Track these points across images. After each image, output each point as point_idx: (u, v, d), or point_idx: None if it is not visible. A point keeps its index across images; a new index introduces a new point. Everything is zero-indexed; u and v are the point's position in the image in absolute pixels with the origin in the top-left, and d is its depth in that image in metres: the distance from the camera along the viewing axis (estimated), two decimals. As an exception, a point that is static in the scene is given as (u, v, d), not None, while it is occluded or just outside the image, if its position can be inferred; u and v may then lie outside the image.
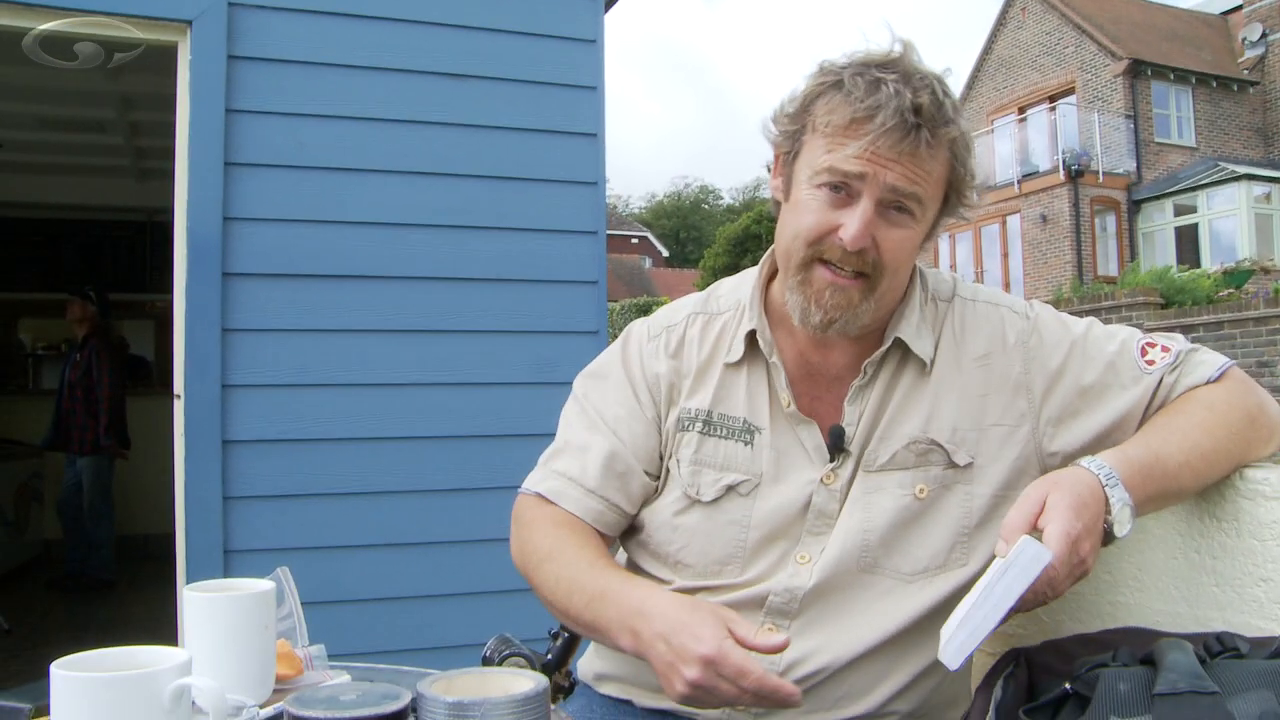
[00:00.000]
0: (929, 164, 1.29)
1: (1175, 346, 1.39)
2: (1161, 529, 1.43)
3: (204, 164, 3.27)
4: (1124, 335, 1.41)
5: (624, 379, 1.50)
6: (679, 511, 1.43)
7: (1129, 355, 1.39)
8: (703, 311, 1.52)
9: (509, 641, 1.66)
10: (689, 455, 1.43)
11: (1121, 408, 1.36)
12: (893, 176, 1.26)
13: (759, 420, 1.42)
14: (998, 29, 25.69)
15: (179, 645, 3.07)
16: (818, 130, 1.31)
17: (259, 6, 3.37)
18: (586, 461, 1.44)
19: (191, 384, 3.23)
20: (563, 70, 3.71)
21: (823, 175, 1.29)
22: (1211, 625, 1.34)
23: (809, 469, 1.39)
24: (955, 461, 1.36)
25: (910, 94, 1.24)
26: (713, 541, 1.40)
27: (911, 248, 1.34)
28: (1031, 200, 22.45)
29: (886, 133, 1.23)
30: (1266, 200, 21.32)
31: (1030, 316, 1.44)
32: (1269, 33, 23.41)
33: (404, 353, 3.45)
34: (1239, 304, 13.15)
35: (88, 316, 6.61)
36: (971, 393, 1.39)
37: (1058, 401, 1.38)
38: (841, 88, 1.28)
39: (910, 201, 1.29)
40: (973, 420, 1.38)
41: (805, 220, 1.31)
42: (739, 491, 1.40)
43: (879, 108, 1.24)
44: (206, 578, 3.07)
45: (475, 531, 3.40)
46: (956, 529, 1.36)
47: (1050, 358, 1.39)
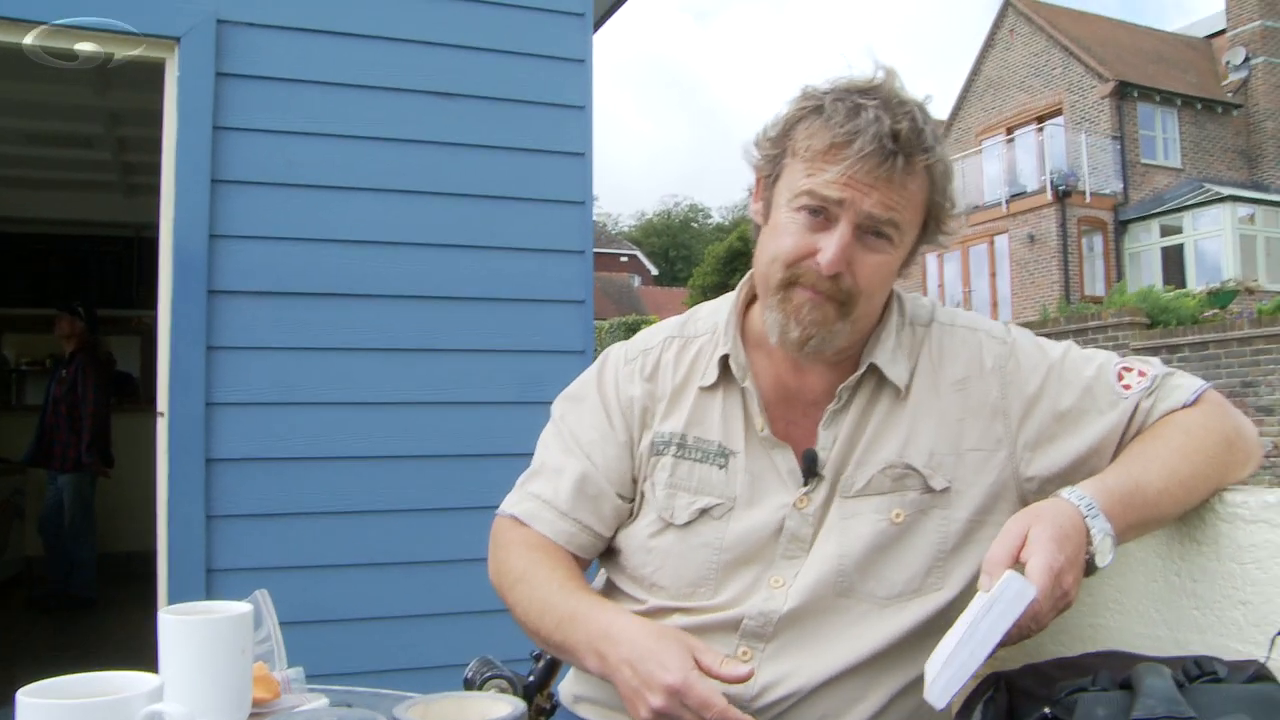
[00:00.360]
0: (907, 190, 1.29)
1: (1152, 370, 1.39)
2: (1142, 552, 1.43)
3: (190, 181, 3.27)
4: (1101, 359, 1.42)
5: (598, 402, 1.50)
6: (653, 534, 1.43)
7: (1106, 380, 1.39)
8: (679, 335, 1.52)
9: (491, 663, 1.65)
10: (664, 479, 1.43)
11: (1099, 432, 1.36)
12: (870, 202, 1.27)
13: (733, 444, 1.42)
14: (986, 50, 25.88)
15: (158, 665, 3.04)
16: (798, 154, 1.32)
17: (247, 24, 3.37)
18: (560, 484, 1.46)
19: (176, 401, 3.21)
20: (551, 90, 3.71)
21: (801, 199, 1.30)
22: (1191, 648, 1.34)
23: (783, 493, 1.39)
24: (932, 486, 1.36)
25: (890, 120, 1.25)
26: (686, 564, 1.40)
27: (888, 273, 1.35)
28: (1019, 220, 22.57)
29: (864, 158, 1.24)
30: (1251, 221, 21.47)
31: (1008, 341, 1.44)
32: (1251, 56, 23.62)
33: (390, 371, 3.44)
34: (1224, 324, 13.22)
35: (76, 332, 6.58)
36: (949, 417, 1.39)
37: (1035, 426, 1.38)
38: (822, 113, 1.29)
39: (887, 228, 1.30)
40: (950, 445, 1.38)
41: (783, 243, 1.32)
42: (712, 515, 1.40)
43: (858, 133, 1.25)
44: (189, 597, 3.06)
45: (459, 551, 3.38)
46: (933, 554, 1.36)
47: (1027, 382, 1.39)
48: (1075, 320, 15.01)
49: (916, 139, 1.27)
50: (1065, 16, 25.04)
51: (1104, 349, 1.45)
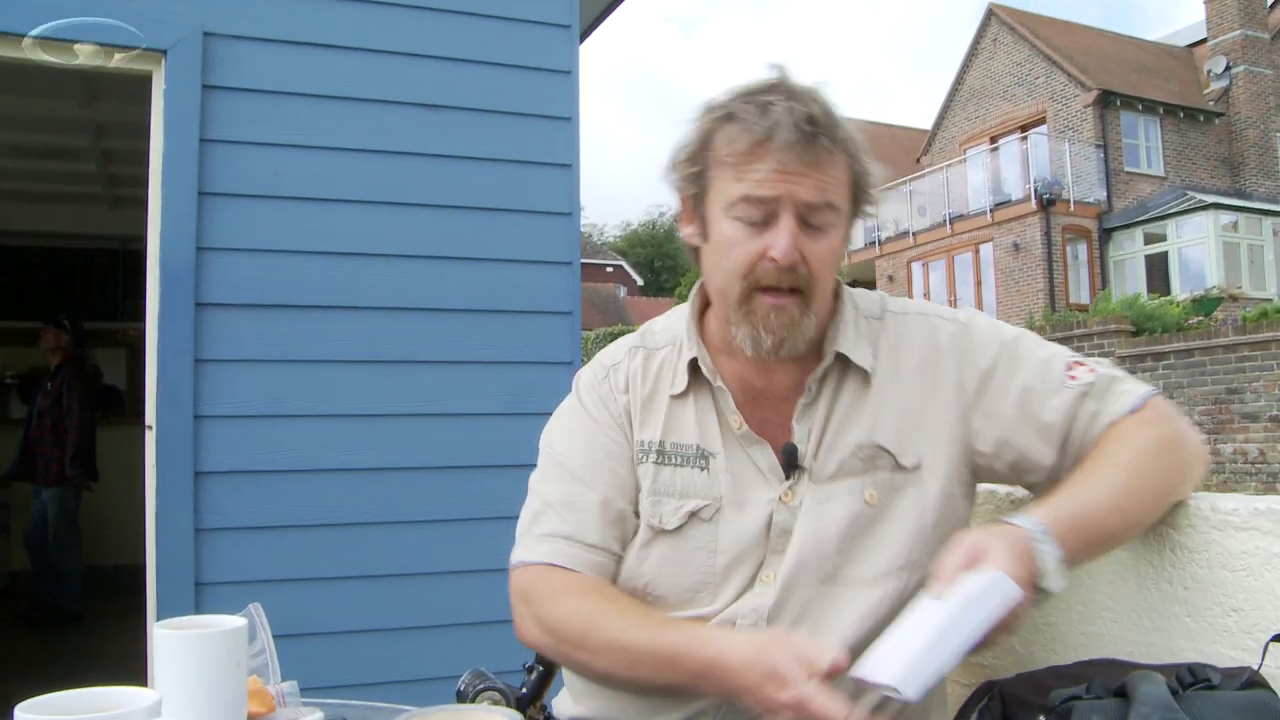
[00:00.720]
0: (833, 170, 1.33)
1: (1100, 370, 1.40)
2: (1134, 560, 1.44)
3: (177, 193, 3.26)
4: (1055, 349, 1.44)
5: (590, 424, 1.49)
6: (644, 544, 1.42)
7: (1056, 366, 1.40)
8: (642, 345, 1.54)
9: (483, 676, 1.65)
10: (647, 486, 1.44)
11: (1045, 413, 1.38)
12: (804, 190, 1.30)
13: (711, 445, 1.43)
14: (969, 60, 26.03)
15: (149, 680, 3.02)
16: (723, 164, 1.34)
17: (234, 36, 3.37)
18: (581, 517, 1.42)
19: (164, 415, 3.20)
20: (537, 101, 3.71)
21: (739, 206, 1.32)
22: (1184, 655, 1.35)
23: (766, 489, 1.40)
24: (902, 464, 1.38)
25: (801, 107, 1.29)
26: (682, 570, 1.40)
27: (836, 255, 1.38)
28: (1004, 229, 22.67)
29: (789, 147, 1.28)
30: (1234, 229, 21.61)
31: (962, 320, 1.47)
32: (1233, 65, 23.81)
33: (378, 383, 3.43)
34: (1208, 331, 13.31)
35: (62, 345, 6.55)
36: (912, 399, 1.41)
37: (988, 400, 1.40)
38: (734, 118, 1.33)
39: (826, 212, 1.33)
40: (914, 423, 1.40)
41: (733, 254, 1.34)
42: (701, 517, 1.40)
43: (776, 126, 1.28)
44: (178, 610, 3.05)
45: (450, 563, 3.37)
46: (913, 529, 1.38)
47: (980, 357, 1.42)
48: (1061, 328, 15.10)
49: (829, 118, 1.31)
50: (1048, 26, 25.20)
51: (1091, 356, 1.46)
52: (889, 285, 25.51)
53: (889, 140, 31.69)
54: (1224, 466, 12.74)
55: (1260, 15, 24.15)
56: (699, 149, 1.38)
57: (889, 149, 30.62)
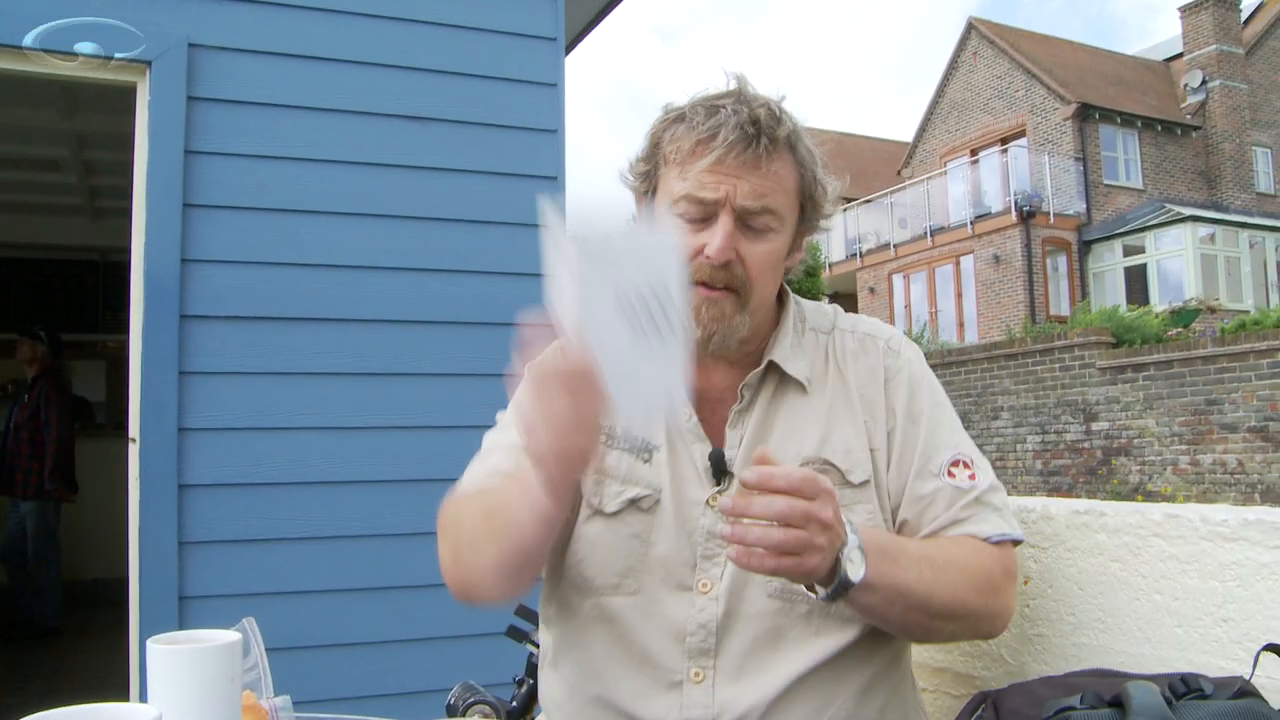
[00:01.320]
0: (777, 174, 1.36)
1: (982, 480, 1.41)
2: (1125, 572, 1.45)
3: (162, 205, 3.24)
4: (957, 439, 1.44)
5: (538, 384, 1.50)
6: (582, 521, 1.43)
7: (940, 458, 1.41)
8: None
9: (473, 689, 1.65)
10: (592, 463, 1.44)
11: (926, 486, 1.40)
12: (743, 192, 1.33)
13: (655, 439, 1.45)
14: (950, 73, 26.21)
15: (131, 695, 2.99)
16: (669, 162, 1.39)
17: (219, 48, 3.36)
18: (499, 456, 1.48)
19: (147, 427, 3.18)
20: (524, 114, 3.72)
21: (680, 203, 1.36)
22: (1175, 666, 1.35)
23: (698, 489, 1.40)
24: (850, 480, 1.39)
25: (747, 110, 1.33)
26: (613, 553, 1.40)
27: (775, 259, 1.39)
28: (984, 241, 22.80)
29: (729, 145, 1.31)
30: (1211, 241, 21.81)
31: (904, 356, 1.49)
32: (1209, 80, 24.07)
33: (363, 396, 3.42)
34: (1187, 343, 13.41)
35: (38, 357, 6.51)
36: (858, 418, 1.43)
37: (899, 442, 1.43)
38: (684, 119, 1.37)
39: (765, 216, 1.35)
40: (862, 443, 1.42)
41: None
42: (640, 506, 1.41)
43: (720, 125, 1.32)
44: (161, 625, 3.02)
45: (436, 576, 3.35)
46: None
47: (911, 400, 1.44)
48: (1041, 340, 15.19)
49: (775, 123, 1.34)
50: (1027, 39, 25.41)
51: (1070, 368, 1.49)
52: (870, 297, 25.62)
53: (870, 152, 31.86)
54: (1203, 477, 12.82)
55: (1235, 31, 24.44)
56: (651, 148, 1.43)
57: (869, 161, 30.79)
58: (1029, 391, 15.14)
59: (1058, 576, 1.55)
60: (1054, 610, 1.55)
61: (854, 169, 30.54)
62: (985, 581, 1.34)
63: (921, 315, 24.14)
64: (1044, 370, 14.87)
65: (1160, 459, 13.30)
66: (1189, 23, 24.67)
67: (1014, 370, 15.37)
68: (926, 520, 1.39)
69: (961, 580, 1.31)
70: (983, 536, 1.37)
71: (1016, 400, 15.33)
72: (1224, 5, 24.28)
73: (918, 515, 1.40)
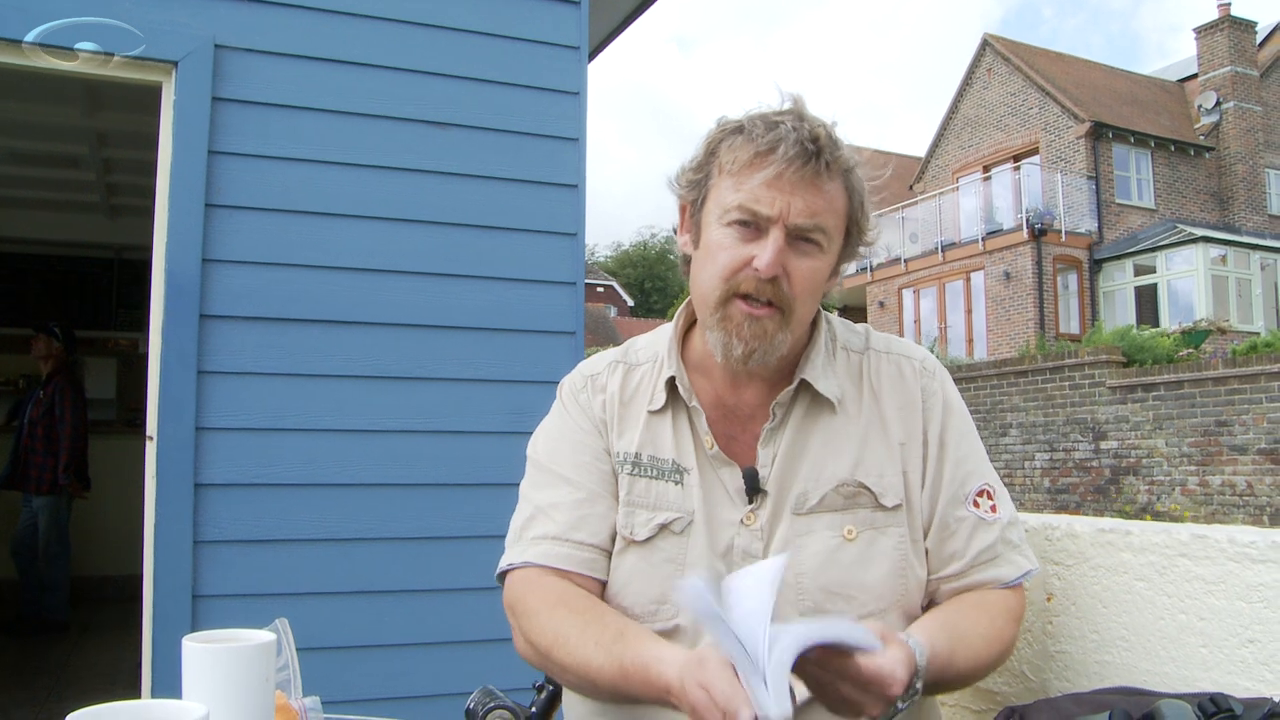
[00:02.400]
0: (830, 195, 1.36)
1: (1002, 513, 1.45)
2: (1150, 591, 1.45)
3: (184, 205, 3.26)
4: (985, 468, 1.47)
5: (575, 427, 1.52)
6: (617, 553, 1.44)
7: (968, 486, 1.44)
8: (623, 361, 1.57)
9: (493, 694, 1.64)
10: (623, 496, 1.45)
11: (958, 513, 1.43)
12: (797, 209, 1.33)
13: (686, 462, 1.45)
14: (963, 89, 26.21)
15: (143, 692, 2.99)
16: (724, 172, 1.38)
17: (245, 50, 3.38)
18: (569, 516, 1.44)
19: (165, 426, 3.19)
20: (545, 121, 3.73)
21: (733, 213, 1.35)
22: (1199, 685, 1.35)
23: (731, 510, 1.41)
24: (884, 504, 1.40)
25: (807, 128, 1.33)
26: (649, 581, 1.40)
27: (820, 279, 1.39)
28: (995, 257, 22.78)
29: (789, 160, 1.31)
30: (1223, 262, 21.77)
31: (938, 378, 1.50)
32: (1223, 101, 24.06)
33: (380, 399, 3.43)
34: (1198, 364, 13.36)
35: (54, 353, 6.53)
36: (894, 440, 1.44)
37: (933, 467, 1.44)
38: (742, 131, 1.37)
39: (815, 234, 1.35)
40: (896, 467, 1.42)
41: (720, 258, 1.37)
42: (672, 530, 1.41)
43: (780, 140, 1.32)
44: (175, 623, 3.04)
45: (450, 580, 3.37)
46: (896, 569, 1.39)
47: (946, 426, 1.46)
48: (1052, 358, 15.15)
49: (833, 144, 1.34)
50: (1041, 57, 25.42)
51: (1081, 387, 1.51)
52: (880, 311, 25.59)
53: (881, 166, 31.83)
54: (1212, 498, 12.78)
55: (1250, 53, 24.43)
56: (705, 157, 1.42)
57: (882, 176, 30.75)
58: (1038, 409, 15.11)
59: (1081, 594, 1.55)
60: (1077, 628, 1.55)
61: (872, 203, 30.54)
62: (999, 639, 1.38)
63: (931, 330, 24.12)
64: (1054, 388, 14.84)
65: (1169, 479, 13.25)
66: (1204, 44, 24.66)
67: (1024, 387, 15.34)
68: (949, 550, 1.41)
69: (985, 647, 1.35)
70: (1005, 582, 1.41)
71: (1026, 417, 15.30)
72: (1239, 27, 24.28)
73: (940, 544, 1.42)
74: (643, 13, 4.67)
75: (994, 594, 1.41)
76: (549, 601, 1.38)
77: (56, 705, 4.70)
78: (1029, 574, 1.43)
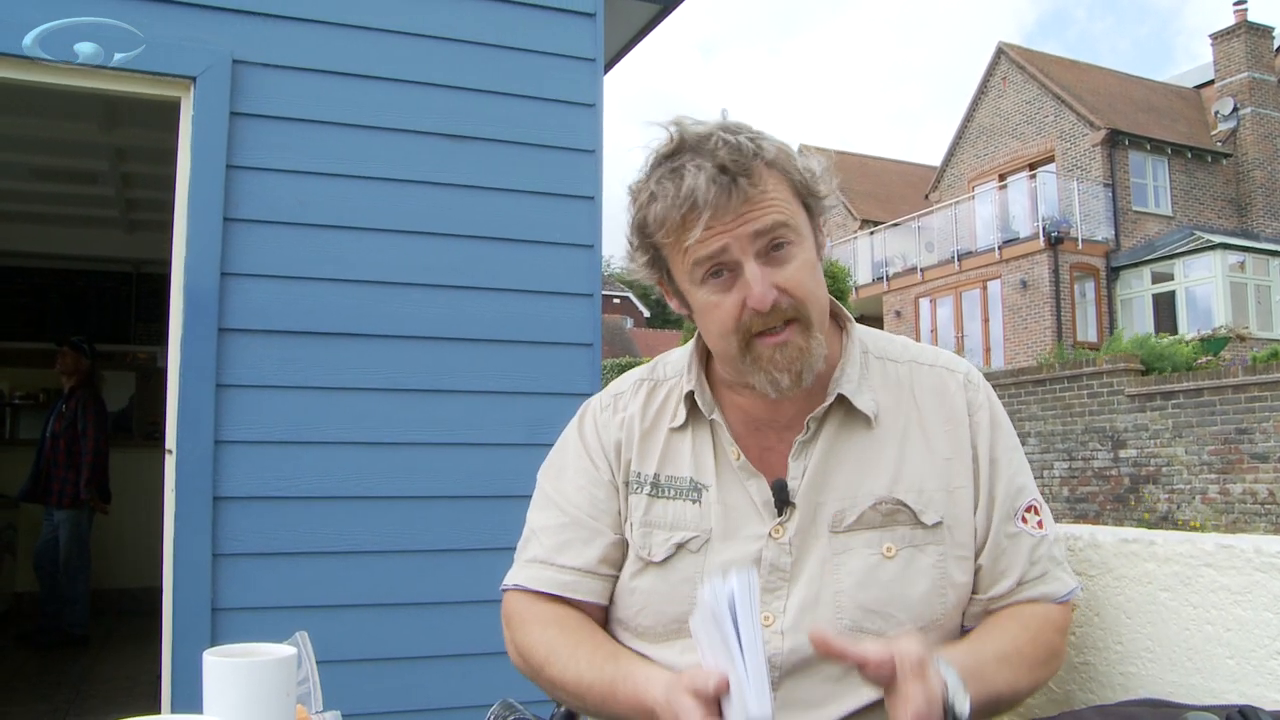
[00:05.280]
0: (769, 192, 1.32)
1: (1048, 529, 1.43)
2: (1175, 602, 1.44)
3: (203, 219, 3.28)
4: (1030, 482, 1.45)
5: (581, 452, 1.53)
6: (634, 574, 1.44)
7: (1017, 502, 1.42)
8: (649, 379, 1.56)
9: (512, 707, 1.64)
10: (639, 517, 1.45)
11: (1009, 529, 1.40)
12: (748, 231, 1.30)
13: (705, 478, 1.44)
14: (979, 98, 26.15)
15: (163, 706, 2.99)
16: (667, 244, 1.36)
17: (263, 64, 3.40)
18: (556, 540, 1.47)
19: (184, 439, 3.20)
20: (562, 133, 3.74)
21: (698, 271, 1.33)
22: (1226, 697, 1.34)
23: (758, 523, 1.39)
24: (923, 521, 1.37)
25: (709, 161, 1.29)
26: (668, 601, 1.40)
27: (810, 266, 1.36)
28: (1012, 266, 22.70)
29: (713, 203, 1.28)
30: (1241, 269, 21.63)
31: (981, 389, 1.47)
32: (1240, 107, 23.93)
33: (399, 412, 3.44)
34: (1218, 371, 13.28)
35: (80, 368, 6.57)
36: (938, 455, 1.41)
37: (984, 493, 1.41)
38: (656, 199, 1.33)
39: (780, 232, 1.32)
40: (940, 482, 1.39)
41: (716, 315, 1.35)
42: (689, 549, 1.41)
43: (693, 189, 1.28)
44: (194, 636, 3.04)
45: (468, 593, 3.37)
46: (935, 587, 1.36)
47: (994, 440, 1.43)
48: (1070, 366, 15.08)
49: (739, 154, 1.30)
50: (1057, 65, 25.34)
51: (1099, 395, 1.49)
52: (896, 321, 25.53)
53: (897, 176, 31.83)
54: (1233, 507, 12.68)
55: (1267, 59, 24.30)
56: (641, 239, 1.40)
57: (896, 184, 30.76)
58: (1056, 418, 15.03)
59: (1105, 605, 1.54)
60: (1101, 639, 1.54)
61: (881, 192, 30.53)
62: (1049, 653, 1.37)
63: (948, 339, 24.03)
64: (1072, 396, 14.76)
65: (1189, 488, 13.16)
66: (1221, 49, 24.55)
67: (1041, 396, 15.26)
68: (1001, 568, 1.39)
69: (1034, 665, 1.34)
70: (1054, 598, 1.39)
71: (1044, 426, 15.22)
72: (1256, 33, 24.15)
73: (994, 561, 1.39)
74: (660, 22, 4.67)
75: (1036, 606, 1.39)
76: (542, 620, 1.44)
77: (77, 718, 4.72)
78: (1075, 591, 1.42)
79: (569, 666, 1.36)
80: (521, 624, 1.45)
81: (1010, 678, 1.29)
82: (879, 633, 1.33)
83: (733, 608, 1.06)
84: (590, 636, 1.41)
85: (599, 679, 1.32)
